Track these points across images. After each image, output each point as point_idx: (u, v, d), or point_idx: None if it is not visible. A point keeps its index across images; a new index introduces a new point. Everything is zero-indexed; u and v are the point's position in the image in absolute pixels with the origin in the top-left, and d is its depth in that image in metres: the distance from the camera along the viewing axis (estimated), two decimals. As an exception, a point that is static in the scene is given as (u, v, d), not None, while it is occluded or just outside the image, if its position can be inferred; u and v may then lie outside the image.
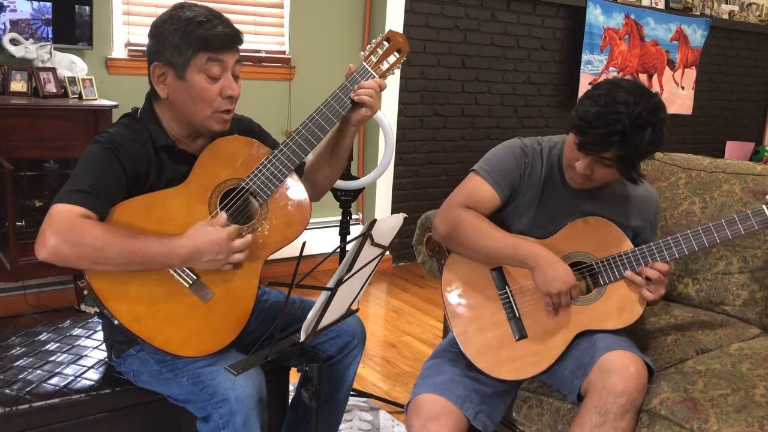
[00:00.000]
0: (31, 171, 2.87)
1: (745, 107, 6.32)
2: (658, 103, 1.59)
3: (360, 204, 4.22)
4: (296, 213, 1.62)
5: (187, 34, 1.48)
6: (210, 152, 1.59)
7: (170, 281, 1.50)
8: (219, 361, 1.51)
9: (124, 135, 1.52)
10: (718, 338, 1.90)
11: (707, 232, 1.67)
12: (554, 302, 1.68)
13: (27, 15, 2.88)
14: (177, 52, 1.49)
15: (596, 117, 1.57)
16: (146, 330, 1.48)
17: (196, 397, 1.51)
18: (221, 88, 1.52)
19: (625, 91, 1.57)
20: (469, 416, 1.63)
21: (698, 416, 1.54)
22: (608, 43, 4.92)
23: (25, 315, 3.07)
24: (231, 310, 1.55)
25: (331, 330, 1.74)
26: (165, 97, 1.54)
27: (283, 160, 1.59)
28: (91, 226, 1.39)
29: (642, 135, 1.55)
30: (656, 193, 1.89)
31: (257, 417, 1.49)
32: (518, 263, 1.71)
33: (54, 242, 1.36)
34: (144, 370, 1.59)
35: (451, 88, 4.32)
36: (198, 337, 1.51)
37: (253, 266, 1.57)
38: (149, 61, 1.54)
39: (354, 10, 3.95)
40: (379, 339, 3.17)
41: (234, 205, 1.57)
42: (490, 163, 1.79)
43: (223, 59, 1.51)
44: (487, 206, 1.77)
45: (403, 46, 1.71)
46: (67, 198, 1.41)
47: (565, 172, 1.74)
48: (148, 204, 1.51)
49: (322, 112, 1.62)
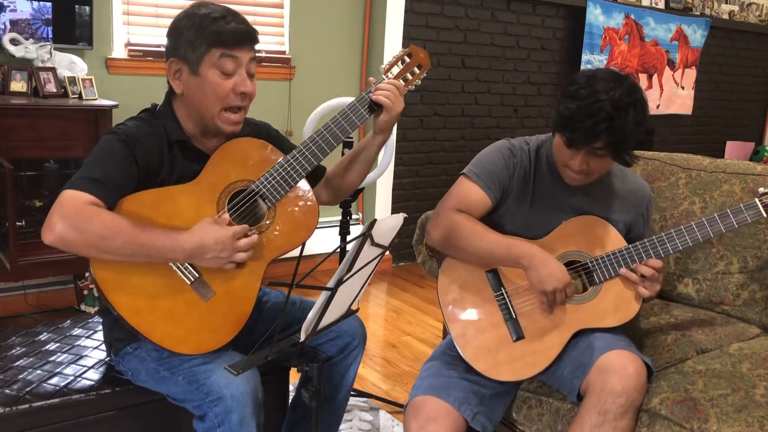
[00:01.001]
0: (31, 171, 2.86)
1: (745, 107, 6.32)
2: (633, 83, 1.62)
3: (360, 204, 4.22)
4: (303, 219, 1.63)
5: (201, 29, 1.49)
6: (223, 152, 1.60)
7: (172, 277, 1.51)
8: (215, 360, 1.52)
9: (140, 128, 1.54)
10: (718, 338, 1.89)
11: (701, 226, 1.68)
12: (549, 300, 1.68)
13: (27, 15, 2.88)
14: (191, 48, 1.50)
15: (579, 111, 1.58)
16: (144, 324, 1.48)
17: (192, 395, 1.51)
18: (234, 84, 1.53)
19: (601, 80, 1.60)
20: (467, 417, 1.63)
21: (698, 416, 1.54)
22: (608, 43, 4.92)
23: (25, 315, 3.07)
24: (230, 310, 1.55)
25: (331, 331, 1.74)
26: (180, 93, 1.56)
27: (295, 165, 1.60)
28: (99, 214, 1.40)
29: (627, 116, 1.56)
30: (648, 186, 1.89)
31: (253, 416, 1.48)
32: (513, 263, 1.72)
33: (61, 227, 1.37)
34: (142, 369, 1.59)
35: (451, 88, 4.32)
36: (196, 334, 1.52)
37: (256, 268, 1.57)
38: (166, 57, 1.56)
39: (354, 10, 3.95)
40: (379, 339, 3.17)
41: (242, 207, 1.58)
42: (480, 165, 1.79)
43: (237, 55, 1.52)
44: (479, 209, 1.77)
45: (424, 62, 1.73)
46: (78, 185, 1.42)
47: (561, 174, 1.75)
48: (158, 198, 1.52)
49: (338, 122, 1.63)
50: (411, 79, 1.72)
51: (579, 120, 1.57)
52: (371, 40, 4.00)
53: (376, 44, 3.98)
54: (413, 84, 1.73)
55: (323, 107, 2.73)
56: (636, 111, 1.58)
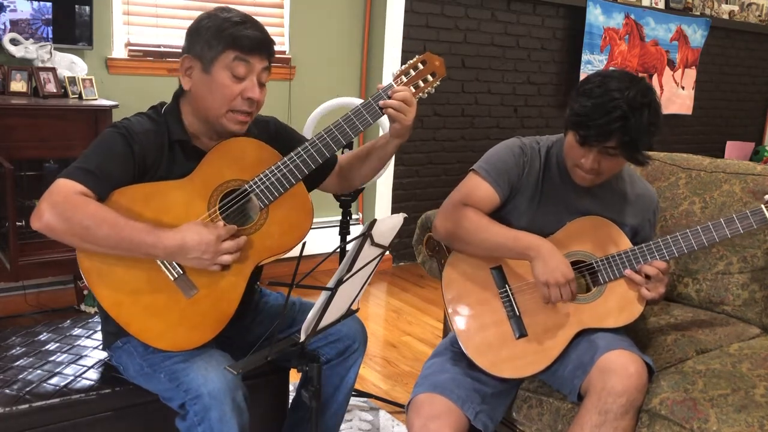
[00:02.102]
0: (31, 171, 2.86)
1: (745, 107, 6.32)
2: (648, 85, 1.63)
3: (360, 204, 4.22)
4: (295, 223, 1.60)
5: (220, 30, 1.52)
6: (218, 150, 1.58)
7: (156, 272, 1.51)
8: (194, 357, 1.51)
9: (142, 124, 1.55)
10: (718, 338, 1.89)
11: (706, 231, 1.68)
12: (552, 295, 1.67)
13: (27, 15, 2.88)
14: (207, 46, 1.53)
15: (593, 109, 1.58)
16: (124, 316, 1.49)
17: (173, 393, 1.51)
18: (243, 89, 1.54)
19: (616, 79, 1.60)
20: (469, 416, 1.63)
21: (698, 416, 1.54)
22: (608, 43, 4.92)
23: (25, 315, 3.07)
24: (212, 308, 1.54)
25: (331, 333, 1.74)
26: (188, 89, 1.57)
27: (292, 168, 1.58)
28: (86, 204, 1.42)
29: (641, 116, 1.57)
30: (655, 191, 1.89)
31: (233, 414, 1.46)
32: (519, 255, 1.71)
33: (48, 215, 1.40)
34: (130, 364, 1.59)
35: (451, 88, 4.32)
36: (174, 331, 1.51)
37: (242, 269, 1.56)
38: (181, 54, 1.58)
39: (354, 10, 3.95)
40: (379, 339, 3.17)
41: (233, 206, 1.57)
42: (489, 162, 1.80)
43: (250, 61, 1.54)
44: (487, 205, 1.77)
45: (439, 70, 1.65)
46: (71, 174, 1.44)
47: (571, 174, 1.74)
48: (148, 192, 1.52)
49: (340, 126, 1.60)
50: (423, 86, 1.65)
51: (593, 118, 1.57)
52: (371, 40, 4.00)
53: (376, 44, 3.98)
54: (425, 92, 1.66)
55: (323, 107, 2.73)
56: (650, 112, 1.58)
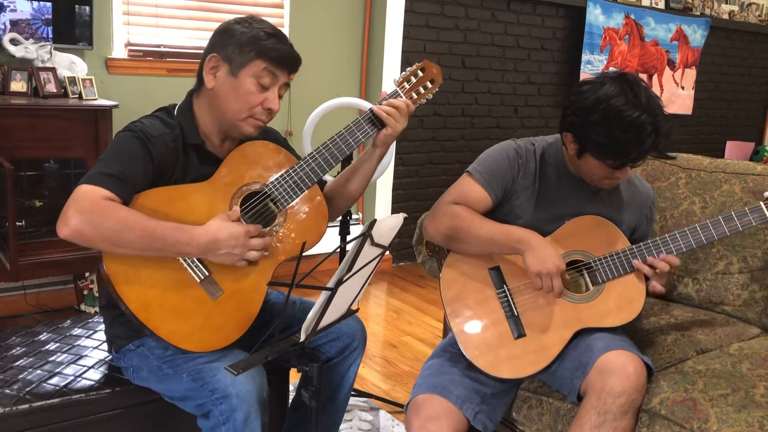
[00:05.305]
0: (31, 171, 2.86)
1: (745, 107, 6.32)
2: (635, 77, 1.65)
3: (360, 204, 4.22)
4: (312, 225, 1.66)
5: (256, 39, 1.55)
6: (238, 153, 1.63)
7: (182, 274, 1.52)
8: (221, 358, 1.53)
9: (156, 127, 1.56)
10: (718, 338, 1.89)
11: (705, 229, 1.68)
12: (545, 285, 1.67)
13: (27, 15, 2.88)
14: (239, 51, 1.55)
15: (625, 140, 1.59)
16: (152, 319, 1.49)
17: (196, 393, 1.51)
18: (264, 99, 1.58)
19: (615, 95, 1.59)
20: (468, 417, 1.64)
21: (698, 416, 1.54)
22: (608, 43, 4.92)
23: (25, 315, 3.07)
24: (237, 310, 1.56)
25: (331, 332, 1.74)
26: (210, 87, 1.58)
27: (308, 171, 1.62)
28: (115, 208, 1.42)
29: (665, 126, 1.61)
30: (652, 189, 1.90)
31: (258, 415, 1.49)
32: (511, 249, 1.72)
33: (76, 221, 1.39)
34: (143, 366, 1.59)
35: (451, 88, 4.32)
36: (201, 332, 1.53)
37: (265, 270, 1.59)
38: (206, 52, 1.59)
39: (354, 10, 3.95)
40: (379, 339, 3.17)
41: (254, 208, 1.60)
42: (483, 164, 1.80)
43: (277, 74, 1.58)
44: (478, 207, 1.78)
45: (437, 77, 1.75)
46: (94, 180, 1.44)
47: (597, 184, 1.76)
48: (172, 195, 1.54)
49: (350, 129, 1.66)
50: (423, 93, 1.73)
51: (628, 149, 1.60)
52: (371, 40, 4.01)
53: (376, 44, 3.98)
54: (424, 98, 1.74)
55: (323, 107, 2.73)
56: (666, 117, 1.62)
